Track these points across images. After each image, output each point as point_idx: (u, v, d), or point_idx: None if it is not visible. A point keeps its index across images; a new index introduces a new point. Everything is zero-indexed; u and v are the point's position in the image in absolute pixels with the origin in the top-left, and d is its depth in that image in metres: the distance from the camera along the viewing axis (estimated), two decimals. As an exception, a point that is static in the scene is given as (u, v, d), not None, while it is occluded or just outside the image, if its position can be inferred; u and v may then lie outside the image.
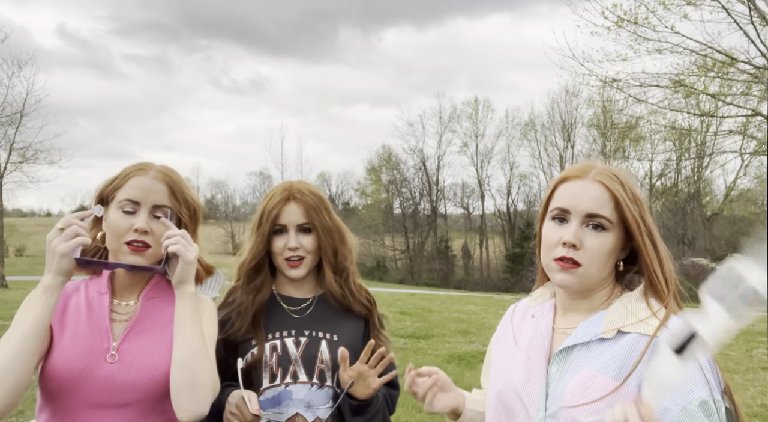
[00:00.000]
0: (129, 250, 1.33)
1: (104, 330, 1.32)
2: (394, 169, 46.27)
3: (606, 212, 1.14)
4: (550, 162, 41.54)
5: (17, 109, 20.44)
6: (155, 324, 1.36)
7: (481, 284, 37.77)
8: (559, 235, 1.16)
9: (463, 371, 6.65)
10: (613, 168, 1.21)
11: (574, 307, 1.23)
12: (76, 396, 1.26)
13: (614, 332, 1.12)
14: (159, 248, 1.34)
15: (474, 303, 15.47)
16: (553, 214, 1.19)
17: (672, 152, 17.29)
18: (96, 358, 1.28)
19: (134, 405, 1.28)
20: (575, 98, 37.29)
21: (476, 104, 44.68)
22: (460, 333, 9.57)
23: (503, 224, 45.84)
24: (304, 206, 1.63)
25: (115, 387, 1.27)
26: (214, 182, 74.58)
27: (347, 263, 1.69)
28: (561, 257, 1.14)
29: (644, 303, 1.15)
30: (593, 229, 1.14)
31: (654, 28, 10.85)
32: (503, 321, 1.41)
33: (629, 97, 12.19)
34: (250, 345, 1.58)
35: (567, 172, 1.21)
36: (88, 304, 1.36)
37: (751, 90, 11.30)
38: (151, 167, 1.41)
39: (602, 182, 1.16)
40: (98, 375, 1.27)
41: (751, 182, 25.42)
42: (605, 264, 1.16)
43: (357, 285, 1.70)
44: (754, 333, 9.88)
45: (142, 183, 1.37)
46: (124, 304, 1.39)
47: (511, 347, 1.31)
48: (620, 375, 1.08)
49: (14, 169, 21.34)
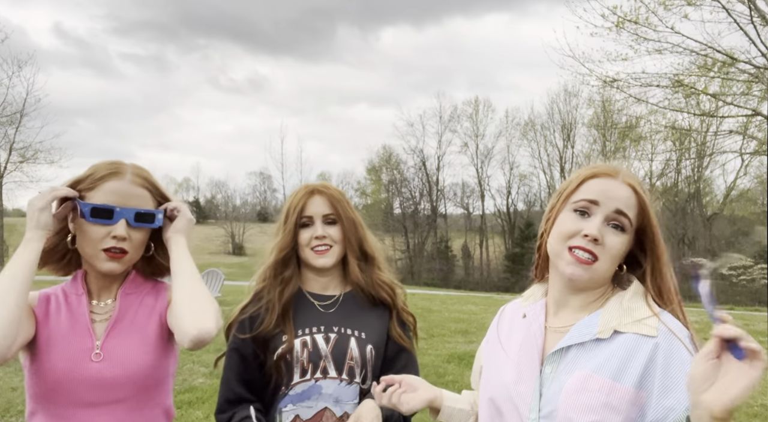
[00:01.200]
0: (106, 257, 1.33)
1: (86, 330, 1.33)
2: (394, 169, 46.31)
3: (631, 214, 1.15)
4: (550, 162, 41.56)
5: (17, 109, 20.44)
6: (135, 318, 1.37)
7: (481, 284, 37.76)
8: (579, 227, 1.14)
9: (463, 371, 6.65)
10: (635, 175, 1.22)
11: (567, 303, 1.22)
12: (67, 397, 1.27)
13: (610, 332, 1.12)
14: (135, 254, 1.37)
15: (474, 303, 15.47)
16: (578, 205, 1.17)
17: (672, 152, 17.28)
18: (81, 358, 1.29)
19: (125, 401, 1.29)
20: (575, 98, 37.30)
21: (476, 104, 44.73)
22: (460, 333, 9.57)
23: (503, 224, 45.83)
24: (328, 198, 1.67)
25: (104, 385, 1.28)
26: (214, 182, 74.79)
27: (373, 253, 1.73)
28: (577, 246, 1.13)
29: (641, 302, 1.15)
30: (614, 229, 1.15)
31: (654, 28, 10.84)
32: (493, 325, 1.40)
33: (629, 97, 12.19)
34: (280, 340, 1.60)
35: (595, 169, 1.21)
36: (68, 307, 1.37)
37: (752, 90, 11.29)
38: (125, 169, 1.38)
39: (632, 185, 1.17)
40: (85, 374, 1.28)
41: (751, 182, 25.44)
42: (614, 264, 1.16)
43: (381, 279, 1.73)
44: (753, 333, 9.87)
45: (121, 189, 1.34)
46: (102, 304, 1.39)
47: (501, 349, 1.30)
48: (618, 375, 1.07)
49: (14, 169, 21.36)
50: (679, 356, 1.06)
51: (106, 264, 1.33)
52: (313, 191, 1.68)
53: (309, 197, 1.67)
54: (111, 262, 1.33)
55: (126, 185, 1.35)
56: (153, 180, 1.42)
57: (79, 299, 1.37)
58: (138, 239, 1.36)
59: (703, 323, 2.13)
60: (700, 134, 18.48)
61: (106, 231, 1.31)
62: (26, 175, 21.72)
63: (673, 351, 1.06)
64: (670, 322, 1.11)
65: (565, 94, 38.31)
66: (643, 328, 1.10)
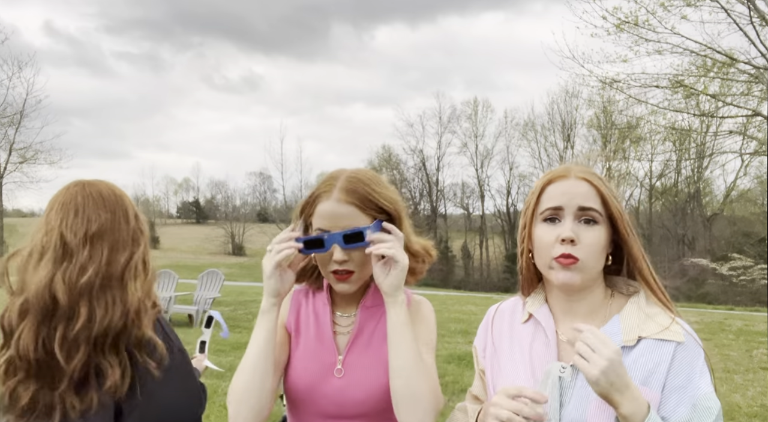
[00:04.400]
0: (335, 279, 1.32)
1: (330, 344, 1.35)
2: (394, 169, 46.24)
3: (596, 206, 1.17)
4: (549, 163, 41.53)
5: (17, 109, 20.45)
6: (374, 335, 1.36)
7: (481, 285, 37.74)
8: (555, 234, 1.17)
9: (463, 371, 6.65)
10: (589, 167, 1.25)
11: (572, 310, 1.22)
12: (311, 407, 1.32)
13: (636, 339, 1.13)
14: (362, 272, 1.31)
15: (474, 303, 15.47)
16: (545, 215, 1.20)
17: (672, 153, 17.29)
18: (325, 372, 1.32)
19: (363, 417, 1.31)
20: (575, 99, 37.28)
21: (476, 105, 44.73)
22: (460, 333, 9.57)
23: (503, 224, 45.80)
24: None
25: (343, 402, 1.30)
26: (214, 183, 74.77)
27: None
28: (561, 255, 1.15)
29: (659, 308, 1.17)
30: (586, 223, 1.17)
31: (654, 29, 10.85)
32: (485, 326, 1.37)
33: (629, 98, 12.19)
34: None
35: (549, 175, 1.24)
36: (315, 315, 1.39)
37: (751, 90, 11.29)
38: (334, 185, 1.29)
39: (586, 178, 1.19)
40: (327, 389, 1.31)
41: (751, 182, 25.45)
42: (600, 257, 1.18)
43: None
44: (753, 333, 9.87)
45: (330, 210, 1.27)
46: (345, 316, 1.40)
47: (507, 355, 1.27)
48: (646, 379, 1.09)
49: (14, 169, 21.36)
50: (697, 354, 1.12)
51: (338, 286, 1.33)
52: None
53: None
54: (340, 284, 1.32)
55: (333, 205, 1.27)
56: (361, 192, 1.28)
57: (325, 310, 1.40)
58: (359, 257, 1.28)
59: (703, 323, 2.15)
60: (699, 134, 18.51)
61: (328, 256, 1.29)
62: (26, 175, 21.73)
63: (691, 352, 1.12)
64: (685, 324, 1.16)
65: (565, 94, 38.35)
66: (667, 334, 1.12)
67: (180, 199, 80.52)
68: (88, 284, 1.25)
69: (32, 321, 1.24)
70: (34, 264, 1.28)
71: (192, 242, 57.54)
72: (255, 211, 67.78)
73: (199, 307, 10.29)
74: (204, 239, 56.48)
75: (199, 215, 73.71)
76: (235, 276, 33.96)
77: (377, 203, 1.30)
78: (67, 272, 1.25)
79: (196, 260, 48.13)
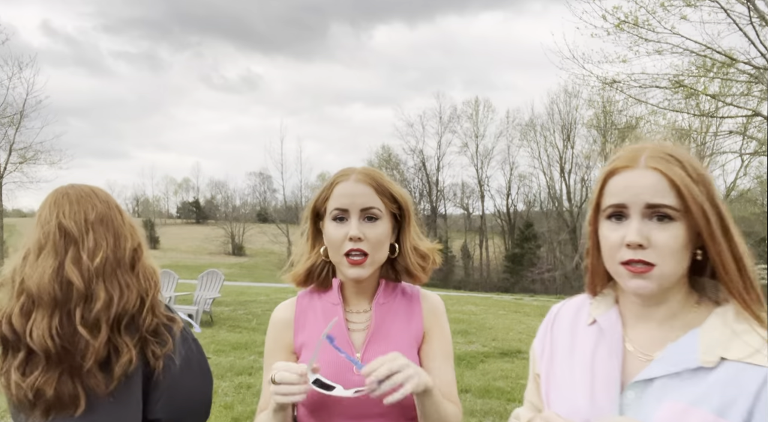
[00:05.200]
0: (348, 263, 1.32)
1: (346, 342, 1.35)
2: (394, 169, 46.25)
3: (669, 201, 0.97)
4: (549, 163, 41.56)
5: (17, 109, 20.44)
6: (390, 330, 1.37)
7: (480, 285, 37.75)
8: (621, 235, 0.99)
9: (463, 371, 6.64)
10: (667, 146, 1.03)
11: (647, 315, 1.06)
12: (331, 410, 1.31)
13: (716, 360, 0.94)
14: (376, 255, 1.33)
15: (474, 304, 15.47)
16: (608, 213, 1.03)
17: (672, 153, 17.22)
18: (343, 371, 1.30)
19: (385, 416, 1.31)
20: (575, 99, 37.29)
21: (476, 105, 44.77)
22: (460, 333, 9.56)
23: (503, 224, 45.85)
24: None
25: (365, 400, 1.28)
26: (213, 183, 74.78)
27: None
28: (628, 261, 0.98)
29: (748, 325, 0.97)
30: (658, 221, 0.98)
31: (653, 29, 10.85)
32: (546, 327, 1.23)
33: (629, 98, 12.20)
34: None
35: (613, 162, 1.05)
36: (325, 317, 1.39)
37: (751, 90, 11.30)
38: (353, 170, 1.39)
39: (657, 167, 0.99)
40: (348, 387, 1.29)
41: (751, 182, 25.40)
42: (682, 259, 0.99)
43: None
44: (754, 333, 9.82)
45: (347, 189, 1.34)
46: (357, 313, 1.40)
47: (566, 362, 1.13)
48: (723, 410, 0.91)
49: (14, 169, 21.34)
50: None
51: (351, 271, 1.32)
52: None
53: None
54: (354, 268, 1.32)
55: (351, 185, 1.34)
56: (377, 176, 1.37)
57: (336, 310, 1.38)
58: (375, 237, 1.32)
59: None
60: (699, 134, 18.48)
61: (343, 233, 1.31)
62: (26, 175, 21.70)
63: None
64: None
65: (565, 94, 38.35)
66: (758, 358, 0.93)
67: (180, 199, 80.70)
68: (101, 266, 1.28)
69: (42, 313, 1.25)
70: (32, 261, 1.28)
71: (192, 243, 57.52)
72: (255, 211, 67.85)
73: (199, 307, 10.28)
74: (204, 240, 56.48)
75: (199, 215, 73.74)
76: (235, 276, 33.95)
77: (390, 190, 1.37)
78: (79, 257, 1.28)
79: (196, 260, 48.11)
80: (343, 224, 1.32)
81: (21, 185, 21.76)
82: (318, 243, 1.42)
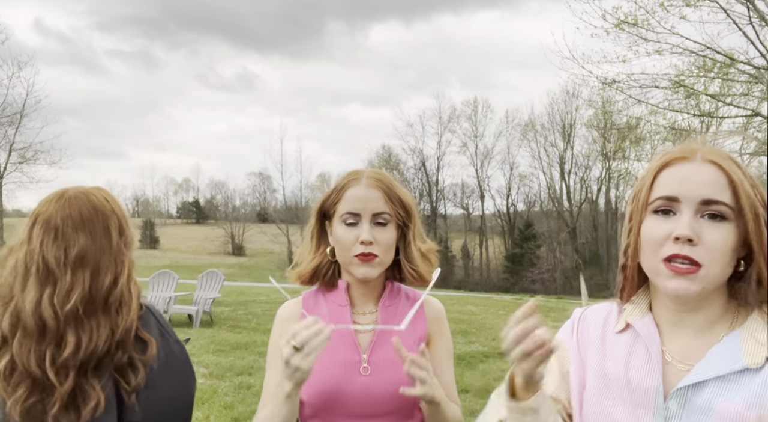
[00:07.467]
0: (359, 261, 1.35)
1: (352, 342, 1.36)
2: (394, 169, 46.22)
3: (725, 198, 0.91)
4: (549, 163, 41.59)
5: (17, 109, 20.45)
6: (395, 331, 1.37)
7: (480, 285, 37.75)
8: (668, 229, 0.92)
9: (463, 371, 6.65)
10: (720, 147, 0.99)
11: (683, 322, 0.99)
12: (339, 408, 1.32)
13: (762, 361, 0.90)
14: (385, 257, 1.37)
15: (474, 304, 15.47)
16: (656, 206, 0.96)
17: (672, 153, 17.23)
18: (350, 372, 1.32)
19: (390, 414, 1.32)
20: (575, 99, 37.28)
21: (476, 105, 44.77)
22: (460, 333, 9.57)
23: (503, 224, 45.86)
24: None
25: (371, 399, 1.31)
26: (213, 183, 74.77)
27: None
28: (673, 255, 0.91)
29: None
30: (710, 219, 0.92)
31: (653, 29, 10.86)
32: (569, 329, 1.15)
33: (629, 98, 12.20)
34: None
35: (667, 155, 0.99)
36: (332, 318, 1.39)
37: (751, 91, 11.30)
38: (362, 173, 1.42)
39: (716, 162, 0.93)
40: (353, 388, 1.31)
41: (750, 182, 25.44)
42: (728, 264, 0.93)
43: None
44: (753, 333, 9.82)
45: (359, 193, 1.37)
46: (363, 314, 1.42)
47: (597, 369, 1.06)
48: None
49: (14, 169, 21.36)
50: None
51: (360, 269, 1.35)
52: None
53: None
54: (364, 266, 1.35)
55: (363, 189, 1.38)
56: (387, 182, 1.41)
57: (343, 311, 1.40)
58: (385, 241, 1.36)
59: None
60: (699, 134, 18.48)
61: (354, 237, 1.35)
62: (26, 175, 21.71)
63: None
64: None
65: (565, 94, 38.35)
66: None
67: (180, 199, 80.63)
68: (73, 310, 1.25)
69: (27, 338, 1.24)
70: (21, 281, 1.28)
71: (192, 243, 57.52)
72: (255, 211, 67.83)
73: (198, 307, 10.29)
74: (204, 240, 56.47)
75: (198, 215, 73.70)
76: (235, 276, 33.96)
77: (399, 196, 1.40)
78: (53, 297, 1.26)
79: (195, 260, 48.13)
80: (354, 227, 1.35)
81: (21, 185, 21.80)
82: (323, 243, 1.43)
